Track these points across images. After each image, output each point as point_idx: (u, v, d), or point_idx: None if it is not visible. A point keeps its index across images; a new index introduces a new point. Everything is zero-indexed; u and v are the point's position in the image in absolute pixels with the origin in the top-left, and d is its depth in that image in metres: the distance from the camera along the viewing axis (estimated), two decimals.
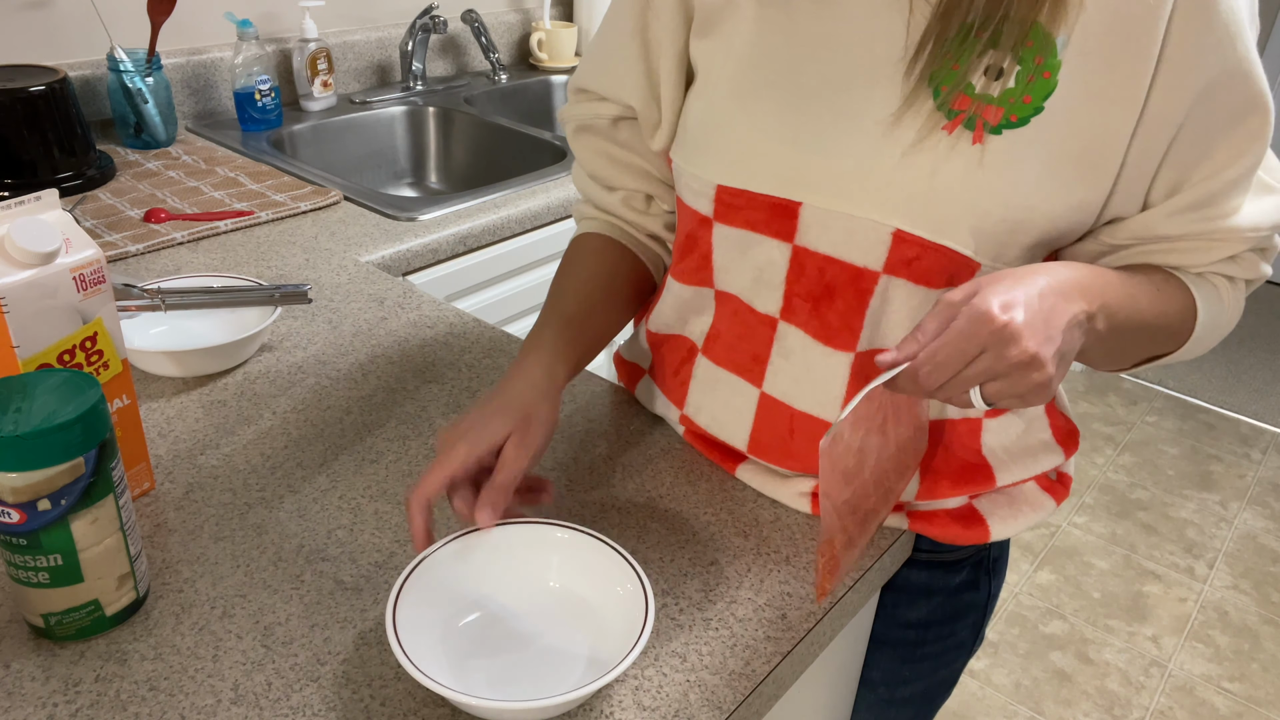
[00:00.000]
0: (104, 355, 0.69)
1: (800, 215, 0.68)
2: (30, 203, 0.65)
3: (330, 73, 1.74)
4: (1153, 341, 0.71)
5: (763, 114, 0.68)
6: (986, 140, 0.62)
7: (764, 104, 0.68)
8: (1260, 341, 3.34)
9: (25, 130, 1.29)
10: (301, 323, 1.03)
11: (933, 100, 0.63)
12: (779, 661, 0.65)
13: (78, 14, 1.49)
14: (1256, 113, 0.64)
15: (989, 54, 0.61)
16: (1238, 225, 0.68)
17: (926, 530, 0.77)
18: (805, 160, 0.67)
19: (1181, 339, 0.72)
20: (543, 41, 2.11)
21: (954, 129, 0.63)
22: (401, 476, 0.80)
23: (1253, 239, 0.69)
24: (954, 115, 0.63)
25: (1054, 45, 0.61)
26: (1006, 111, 0.62)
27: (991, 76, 0.62)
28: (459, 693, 0.55)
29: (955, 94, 0.62)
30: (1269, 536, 2.43)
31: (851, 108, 0.65)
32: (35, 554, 0.59)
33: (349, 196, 1.39)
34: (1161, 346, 0.72)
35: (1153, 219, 0.68)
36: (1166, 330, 0.70)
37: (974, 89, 0.62)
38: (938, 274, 0.66)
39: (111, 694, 0.59)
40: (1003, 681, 1.97)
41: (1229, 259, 0.70)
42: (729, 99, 0.70)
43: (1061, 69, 0.61)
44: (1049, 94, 0.61)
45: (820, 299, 0.71)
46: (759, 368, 0.75)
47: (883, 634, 0.87)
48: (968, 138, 0.63)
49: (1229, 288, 0.72)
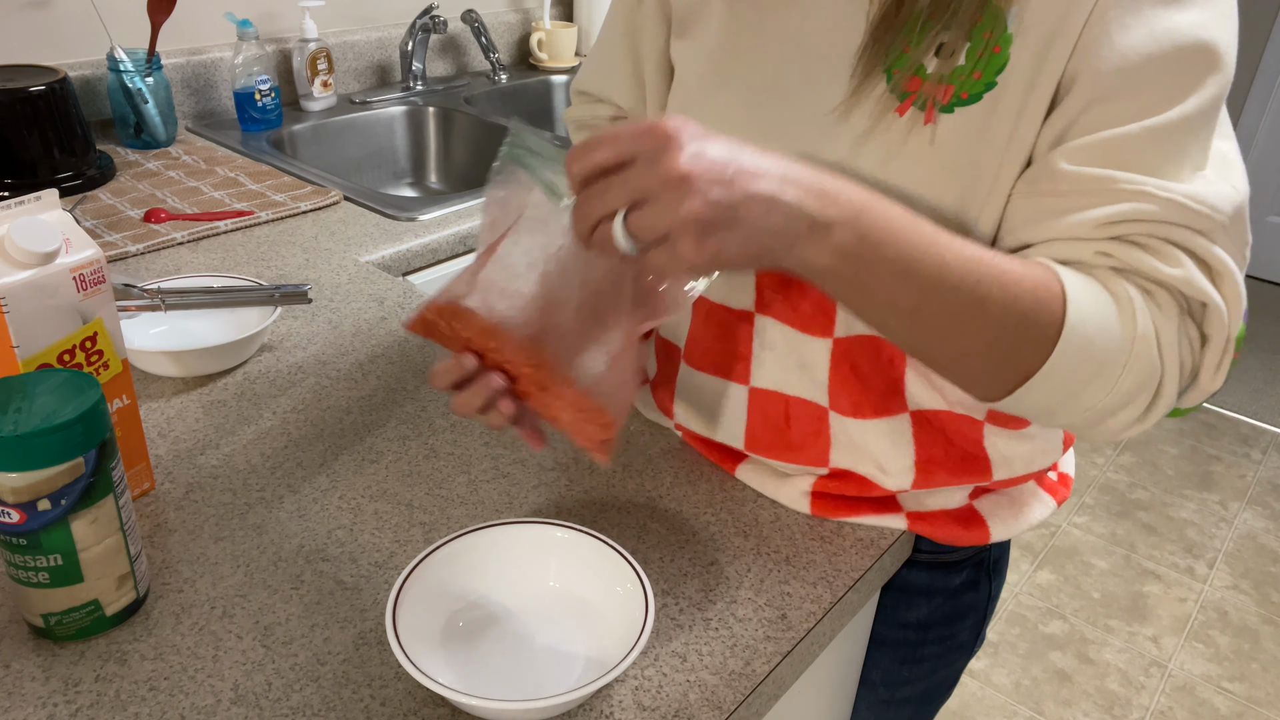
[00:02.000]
0: (104, 355, 0.69)
1: None
2: (30, 203, 0.65)
3: (330, 73, 1.74)
4: (974, 324, 0.56)
5: (726, 107, 0.69)
6: (938, 119, 0.61)
7: (728, 97, 0.69)
8: (1260, 341, 3.34)
9: (25, 130, 1.29)
10: (301, 323, 1.03)
11: (885, 84, 0.62)
12: (779, 661, 0.65)
13: (78, 14, 1.49)
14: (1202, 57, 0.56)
15: (941, 34, 0.60)
16: (1164, 184, 0.56)
17: (926, 531, 0.77)
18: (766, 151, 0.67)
19: (1042, 341, 0.56)
20: (543, 41, 2.10)
21: (905, 110, 0.62)
22: (401, 476, 0.80)
23: (1181, 206, 0.56)
24: (905, 97, 0.62)
25: (1004, 19, 0.59)
26: (958, 89, 0.60)
27: (945, 55, 0.60)
28: (459, 693, 0.55)
29: (907, 76, 0.62)
30: (1269, 536, 2.43)
31: (808, 98, 0.66)
32: (35, 554, 0.59)
33: (349, 196, 1.39)
34: (1001, 344, 0.57)
35: (1053, 157, 0.59)
36: (997, 308, 0.55)
37: (925, 70, 0.61)
38: None
39: (111, 694, 0.59)
40: (1003, 681, 1.97)
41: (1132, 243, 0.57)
42: (696, 93, 0.72)
43: (1013, 42, 0.59)
44: (1001, 68, 0.59)
45: (791, 286, 0.71)
46: (743, 365, 0.75)
47: (882, 634, 0.87)
48: (920, 118, 0.62)
49: (1145, 303, 0.57)
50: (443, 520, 0.75)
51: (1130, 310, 0.57)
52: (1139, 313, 0.57)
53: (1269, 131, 3.58)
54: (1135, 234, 0.57)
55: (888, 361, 0.71)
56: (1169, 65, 0.56)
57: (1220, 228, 0.57)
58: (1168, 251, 0.57)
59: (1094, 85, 0.57)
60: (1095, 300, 0.57)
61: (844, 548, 0.75)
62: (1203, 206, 0.56)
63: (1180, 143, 0.57)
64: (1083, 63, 0.58)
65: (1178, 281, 0.57)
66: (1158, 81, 0.56)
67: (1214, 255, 0.57)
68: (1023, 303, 0.56)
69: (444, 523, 0.75)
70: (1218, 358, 0.60)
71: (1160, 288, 0.58)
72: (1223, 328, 0.58)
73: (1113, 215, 0.56)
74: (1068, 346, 0.56)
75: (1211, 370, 0.60)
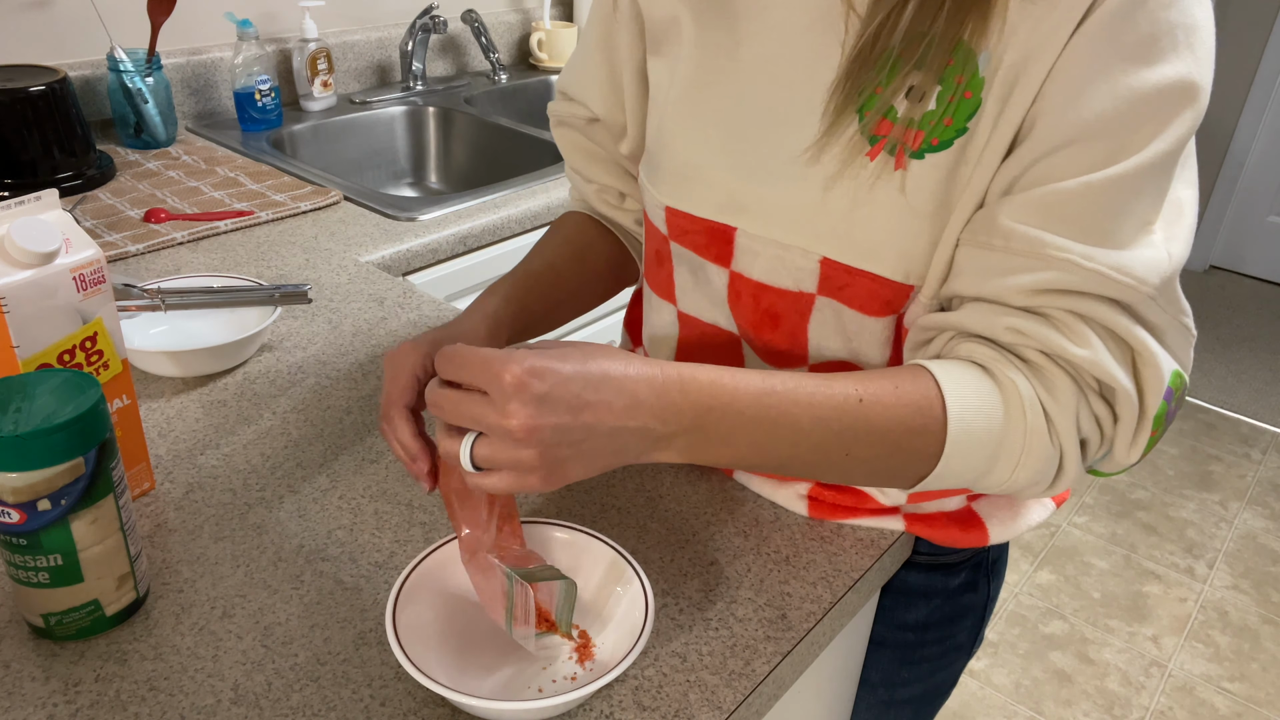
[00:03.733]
0: (104, 355, 0.69)
1: (735, 240, 0.68)
2: (30, 203, 0.65)
3: (330, 73, 1.74)
4: (846, 463, 0.59)
5: (704, 139, 0.69)
6: (908, 165, 0.60)
7: (706, 130, 0.69)
8: (1260, 342, 3.34)
9: (25, 130, 1.29)
10: (301, 323, 1.03)
11: (857, 125, 0.61)
12: (779, 661, 0.65)
13: (78, 14, 1.49)
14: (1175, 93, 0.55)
15: (912, 75, 0.59)
16: (1089, 254, 0.54)
17: (925, 533, 0.77)
18: (740, 187, 0.67)
19: (925, 457, 0.58)
20: (543, 41, 2.11)
21: (876, 155, 0.61)
22: (401, 476, 0.80)
23: (1103, 278, 0.55)
24: (876, 141, 0.61)
25: (975, 63, 0.57)
26: (928, 135, 0.59)
27: (915, 99, 0.59)
28: (459, 693, 0.55)
29: (877, 118, 0.60)
30: (1269, 536, 2.43)
31: (784, 135, 0.65)
32: (35, 554, 0.59)
33: (349, 196, 1.39)
34: (881, 467, 0.60)
35: (997, 207, 0.58)
36: (866, 448, 0.58)
37: (896, 113, 0.60)
38: (871, 299, 0.65)
39: (111, 694, 0.59)
40: (1003, 681, 1.97)
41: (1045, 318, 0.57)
42: (674, 122, 0.71)
43: (984, 86, 0.57)
44: (972, 114, 0.58)
45: (761, 326, 0.71)
46: None
47: (882, 635, 0.87)
48: (890, 164, 0.61)
49: (1035, 394, 0.58)
50: (443, 520, 0.75)
51: (1019, 406, 0.58)
52: (1028, 408, 0.58)
53: (1269, 131, 3.58)
54: (1051, 306, 0.57)
55: None
56: (1130, 115, 0.54)
57: (1145, 299, 0.56)
58: (1079, 330, 0.57)
59: (1050, 134, 0.56)
60: (979, 403, 0.58)
61: (844, 548, 0.75)
62: (1126, 278, 0.55)
63: (1123, 199, 0.55)
64: (1042, 109, 0.56)
65: (1084, 363, 0.57)
66: (1114, 133, 0.55)
67: (1133, 334, 0.57)
68: (894, 434, 0.57)
69: (444, 523, 0.75)
70: (1129, 435, 0.59)
71: (1061, 368, 0.58)
72: (1132, 409, 0.58)
73: (1035, 284, 0.56)
74: (953, 454, 0.58)
75: (1125, 447, 0.60)
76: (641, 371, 0.54)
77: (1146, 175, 0.55)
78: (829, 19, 0.62)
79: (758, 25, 0.66)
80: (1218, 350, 3.26)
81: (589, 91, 0.81)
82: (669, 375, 0.54)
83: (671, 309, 0.78)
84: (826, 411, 0.57)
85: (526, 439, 0.51)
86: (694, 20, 0.69)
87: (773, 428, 0.56)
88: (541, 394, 0.51)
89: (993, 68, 0.57)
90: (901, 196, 0.61)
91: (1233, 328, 3.42)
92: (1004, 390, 0.58)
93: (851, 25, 0.61)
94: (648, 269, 0.80)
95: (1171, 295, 0.58)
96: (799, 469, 0.60)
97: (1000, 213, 0.58)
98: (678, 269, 0.75)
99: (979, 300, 0.60)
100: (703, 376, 0.55)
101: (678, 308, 0.77)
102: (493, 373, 0.51)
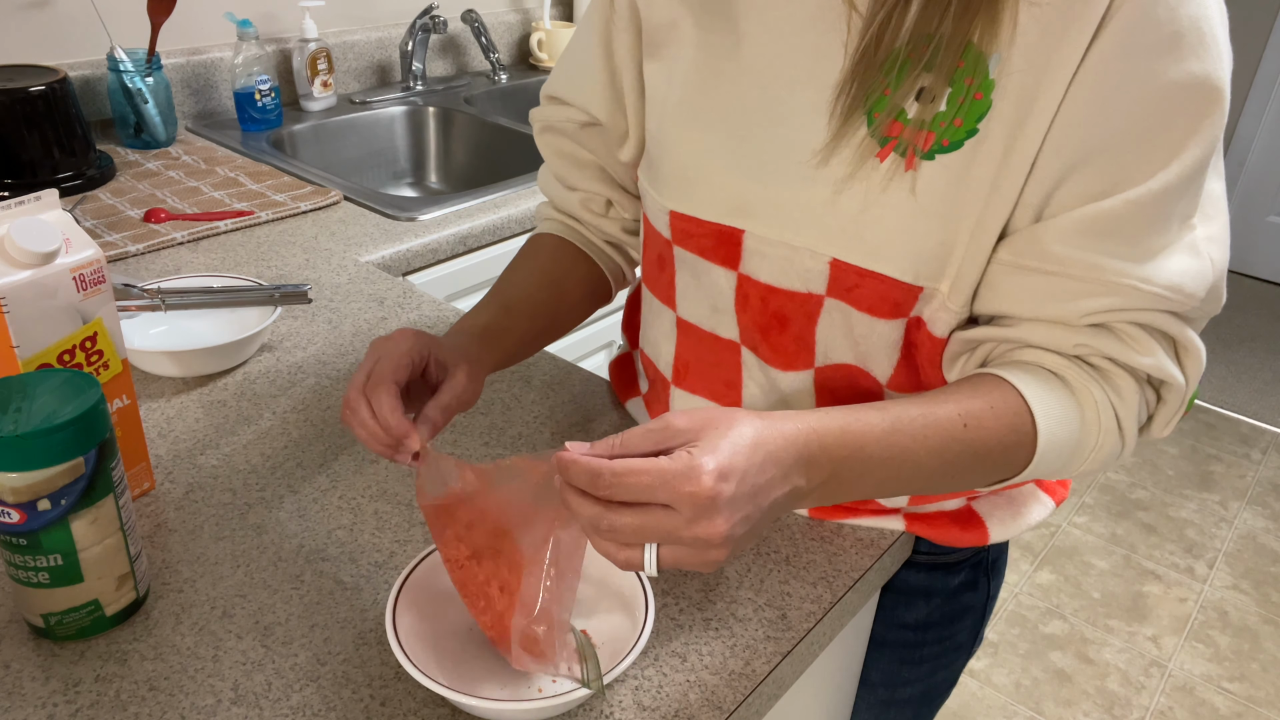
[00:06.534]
0: (104, 355, 0.69)
1: (743, 243, 0.68)
2: (30, 203, 0.65)
3: (330, 73, 1.74)
4: (953, 484, 0.63)
5: (708, 142, 0.68)
6: (919, 167, 0.60)
7: (709, 133, 0.68)
8: (1260, 342, 3.34)
9: (25, 130, 1.29)
10: (301, 323, 1.03)
11: (866, 127, 0.61)
12: (779, 661, 0.65)
13: (78, 14, 1.49)
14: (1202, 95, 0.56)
15: (922, 77, 0.59)
16: (1147, 275, 0.58)
17: (925, 532, 0.77)
18: (747, 189, 0.67)
19: (1016, 466, 0.63)
20: (543, 41, 2.11)
21: (886, 157, 0.61)
22: (402, 476, 0.80)
23: (1161, 297, 0.59)
24: (886, 142, 0.61)
25: (986, 65, 0.57)
26: (938, 136, 0.59)
27: (925, 101, 0.59)
28: (459, 693, 0.55)
29: (888, 120, 0.60)
30: (1269, 536, 2.43)
31: (790, 137, 0.64)
32: (35, 554, 0.59)
33: (349, 196, 1.39)
34: (979, 480, 0.64)
35: (1041, 232, 0.60)
36: (970, 472, 0.62)
37: (906, 115, 0.60)
38: (880, 301, 0.65)
39: (111, 694, 0.60)
40: (1003, 681, 1.97)
41: (1109, 331, 0.61)
42: (676, 126, 0.70)
43: (995, 88, 0.58)
44: (983, 115, 0.58)
45: (769, 329, 0.70)
46: (734, 393, 0.75)
47: (882, 635, 0.87)
48: (900, 165, 0.61)
49: (1108, 400, 0.62)
50: None
51: (1095, 411, 0.63)
52: (1102, 413, 0.63)
53: (1269, 131, 3.58)
54: (1115, 321, 0.61)
55: (866, 391, 0.71)
56: (1160, 114, 0.56)
57: (1195, 307, 0.61)
58: (1142, 340, 0.61)
59: (1082, 142, 0.57)
60: (1062, 413, 0.62)
61: (844, 548, 0.75)
62: (1179, 295, 0.59)
63: (1169, 208, 0.58)
64: (1069, 118, 0.57)
65: (1148, 368, 0.62)
66: (1146, 142, 0.57)
67: (1185, 335, 0.62)
68: (994, 453, 0.61)
69: None
70: (1169, 416, 0.66)
71: (1125, 370, 0.63)
72: (1179, 397, 0.64)
73: (1100, 307, 0.60)
74: (1040, 461, 0.62)
75: (1162, 425, 0.66)
76: (782, 432, 0.54)
77: (1186, 183, 0.58)
78: (830, 17, 0.62)
79: (758, 25, 0.65)
80: (1218, 350, 3.26)
81: (588, 95, 0.79)
82: (805, 432, 0.55)
83: (671, 315, 0.77)
84: (938, 442, 0.60)
85: (724, 544, 0.51)
86: (695, 23, 0.68)
87: (897, 467, 0.59)
88: (730, 497, 0.50)
89: (1004, 70, 0.57)
90: (912, 197, 0.61)
91: (1233, 328, 3.42)
92: (1080, 397, 0.63)
93: (854, 24, 0.61)
94: (647, 273, 0.80)
95: (1216, 293, 0.62)
96: (905, 491, 0.62)
97: (1047, 237, 0.60)
98: (679, 273, 0.74)
99: (1038, 321, 0.63)
100: (833, 425, 0.57)
101: (677, 314, 0.77)
102: (679, 491, 0.49)
